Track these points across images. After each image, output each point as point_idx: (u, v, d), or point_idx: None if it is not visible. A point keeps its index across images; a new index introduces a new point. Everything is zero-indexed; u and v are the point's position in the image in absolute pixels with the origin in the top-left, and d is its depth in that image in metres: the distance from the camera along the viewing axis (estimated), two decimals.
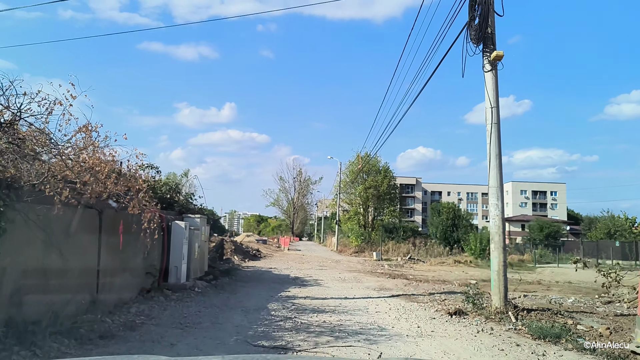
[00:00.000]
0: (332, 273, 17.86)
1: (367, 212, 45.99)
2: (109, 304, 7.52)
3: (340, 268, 21.45)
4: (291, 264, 22.72)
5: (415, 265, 28.19)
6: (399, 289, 12.82)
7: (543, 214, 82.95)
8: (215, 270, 14.24)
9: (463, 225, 39.58)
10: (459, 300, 9.99)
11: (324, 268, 20.72)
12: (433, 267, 26.78)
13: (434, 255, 36.14)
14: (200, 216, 12.16)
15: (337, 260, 28.12)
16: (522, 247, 38.16)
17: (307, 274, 16.78)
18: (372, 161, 44.85)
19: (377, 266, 24.47)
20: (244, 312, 8.15)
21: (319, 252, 39.80)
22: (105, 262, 7.60)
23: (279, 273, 17.09)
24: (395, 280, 15.97)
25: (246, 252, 25.50)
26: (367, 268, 22.54)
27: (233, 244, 24.71)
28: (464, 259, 31.09)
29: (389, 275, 18.41)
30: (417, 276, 19.08)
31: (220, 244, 18.72)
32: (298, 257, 30.27)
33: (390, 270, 21.63)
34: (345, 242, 42.28)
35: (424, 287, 13.49)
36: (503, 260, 7.78)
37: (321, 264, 23.54)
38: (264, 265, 21.34)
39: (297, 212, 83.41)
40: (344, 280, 14.92)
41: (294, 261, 25.17)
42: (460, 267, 28.51)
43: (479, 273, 23.90)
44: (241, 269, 17.61)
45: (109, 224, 7.80)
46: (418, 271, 22.87)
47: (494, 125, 8.03)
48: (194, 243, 11.30)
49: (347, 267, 22.70)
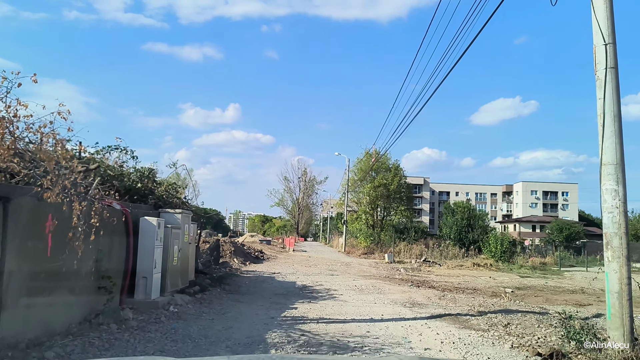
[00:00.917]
0: (346, 280, 15.05)
1: (375, 211, 43.12)
2: (19, 339, 4.77)
3: (352, 273, 18.64)
4: (297, 268, 19.94)
5: (432, 268, 25.35)
6: (434, 304, 9.99)
7: (554, 215, 79.71)
8: (205, 278, 11.46)
9: (479, 225, 36.60)
10: (533, 325, 7.13)
11: (334, 273, 17.92)
12: (452, 271, 23.91)
13: (448, 257, 33.25)
14: (182, 211, 9.37)
15: (347, 263, 25.30)
16: (543, 249, 35.15)
17: (317, 281, 13.98)
18: (382, 159, 42.06)
19: (393, 270, 21.63)
20: (229, 350, 5.37)
21: (326, 253, 36.97)
22: (16, 275, 4.86)
23: (284, 280, 14.30)
24: (422, 290, 13.12)
25: (247, 254, 22.73)
26: (383, 272, 19.70)
27: (232, 245, 21.96)
28: (483, 262, 28.18)
29: (411, 282, 15.58)
30: (442, 283, 16.23)
31: (215, 245, 15.96)
32: (304, 259, 27.49)
33: (409, 276, 18.78)
34: (353, 242, 39.44)
35: (464, 302, 10.63)
36: (627, 276, 4.92)
37: (331, 268, 20.74)
38: (266, 269, 18.56)
39: (302, 213, 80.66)
40: (362, 291, 12.10)
41: (300, 264, 22.40)
42: (480, 270, 25.64)
43: (507, 279, 21.00)
44: (239, 275, 14.83)
45: (26, 218, 5.05)
46: (439, 276, 20.00)
47: (610, 70, 5.20)
48: (171, 245, 8.51)
49: (360, 271, 19.88)
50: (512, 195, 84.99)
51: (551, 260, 32.13)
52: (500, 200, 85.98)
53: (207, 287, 10.20)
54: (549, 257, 32.80)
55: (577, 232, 42.17)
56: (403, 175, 43.10)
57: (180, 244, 9.03)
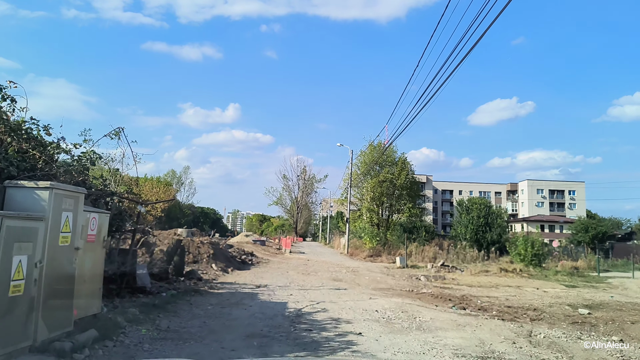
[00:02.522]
0: (360, 298, 10.30)
1: (380, 209, 38.32)
2: None
3: (364, 284, 13.88)
4: (292, 277, 15.18)
5: (454, 275, 20.61)
6: (523, 353, 5.29)
7: (561, 214, 75.10)
8: (133, 304, 6.70)
9: (497, 224, 31.93)
10: None
11: (341, 285, 13.16)
12: (479, 279, 19.17)
13: (466, 260, 28.53)
14: (55, 186, 4.60)
15: (353, 268, 20.53)
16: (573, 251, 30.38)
17: (318, 303, 9.25)
18: (388, 152, 37.31)
19: (411, 279, 16.90)
20: None
21: (327, 255, 32.18)
22: None
23: (269, 299, 9.54)
24: (481, 319, 8.32)
25: (231, 259, 17.94)
26: (402, 283, 14.94)
27: (212, 246, 17.17)
28: (511, 267, 23.39)
29: (449, 300, 10.85)
30: (488, 302, 11.50)
31: (175, 248, 11.14)
32: (302, 263, 22.73)
33: (438, 289, 14.00)
34: (357, 243, 34.62)
35: (573, 349, 5.91)
36: None
37: (334, 276, 15.99)
38: (251, 279, 13.80)
39: (301, 212, 76.00)
40: (391, 324, 7.34)
41: (297, 270, 17.64)
42: (511, 277, 20.90)
43: (556, 290, 16.27)
44: (207, 292, 10.06)
45: None
46: (473, 287, 15.26)
47: None
48: (12, 255, 3.78)
49: (373, 281, 15.12)
50: (517, 194, 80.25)
51: (584, 264, 27.36)
52: (504, 199, 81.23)
53: (118, 327, 5.41)
54: (581, 260, 28.03)
55: (604, 231, 37.42)
56: (411, 170, 38.30)
57: (42, 250, 4.27)
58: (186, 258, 15.93)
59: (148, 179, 61.49)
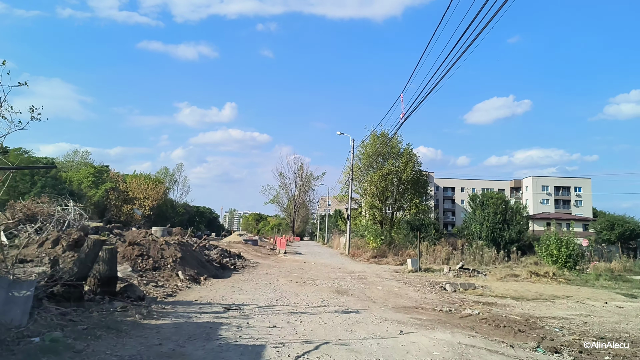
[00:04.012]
0: (384, 332, 6.32)
1: (384, 205, 34.33)
2: None
3: (380, 299, 9.90)
4: (282, 288, 11.18)
5: (476, 279, 16.75)
6: None
7: (566, 212, 71.35)
8: None
9: (517, 221, 28.00)
10: None
11: (347, 302, 9.16)
12: (514, 286, 15.30)
13: (483, 262, 24.60)
14: None
15: (360, 274, 16.55)
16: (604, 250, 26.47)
17: (318, 343, 5.32)
18: (392, 142, 33.34)
19: (433, 287, 12.96)
20: None
21: (326, 256, 28.19)
22: None
23: (235, 340, 5.53)
24: None
25: (206, 264, 13.88)
26: (429, 297, 10.95)
27: (181, 248, 13.11)
28: (542, 270, 19.40)
29: (507, 325, 6.91)
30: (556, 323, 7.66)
31: (92, 253, 7.02)
32: (297, 266, 18.72)
33: (480, 305, 10.04)
34: (359, 243, 30.62)
35: None
36: None
37: (338, 286, 11.99)
38: (224, 293, 9.81)
39: (298, 210, 72.00)
40: None
41: (289, 277, 13.64)
42: (546, 282, 17.04)
43: (618, 302, 12.33)
44: (134, 324, 6.04)
45: None
46: (521, 301, 11.32)
47: None
48: None
49: (390, 293, 11.16)
50: (522, 191, 76.42)
51: (619, 265, 23.46)
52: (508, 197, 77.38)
53: None
54: (615, 261, 24.12)
55: (632, 229, 33.54)
56: (417, 162, 34.33)
57: None
58: (143, 264, 11.93)
59: (136, 176, 57.39)
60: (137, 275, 10.36)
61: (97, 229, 16.69)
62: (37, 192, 35.46)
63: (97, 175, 53.82)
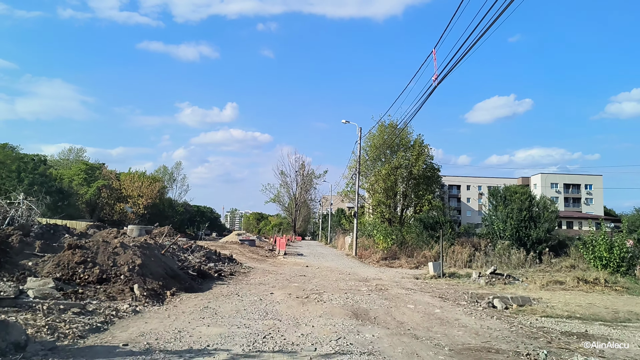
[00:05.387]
0: None
1: (394, 201, 30.87)
2: None
3: (420, 330, 6.44)
4: (276, 310, 7.73)
5: (515, 288, 13.35)
6: None
7: (577, 210, 67.80)
8: None
9: (545, 219, 24.54)
10: None
11: (375, 338, 5.71)
12: (567, 298, 11.89)
13: (511, 264, 21.15)
14: None
15: (375, 282, 13.08)
16: None
17: None
18: (402, 134, 29.90)
19: (478, 304, 9.55)
20: None
21: (330, 258, 24.75)
22: None
23: None
24: None
25: (176, 273, 10.41)
26: (492, 324, 7.48)
27: (142, 251, 9.64)
28: (591, 276, 15.89)
29: None
30: None
31: None
32: (298, 272, 15.27)
33: (556, 338, 6.62)
34: (366, 243, 27.20)
35: None
36: None
37: (354, 304, 8.53)
38: (189, 320, 6.41)
39: (300, 209, 68.67)
40: None
41: (287, 290, 10.20)
42: (600, 291, 13.63)
43: None
44: None
45: None
46: (617, 329, 7.88)
47: None
48: None
49: (430, 318, 7.72)
50: (530, 189, 72.92)
51: None
52: None
53: None
54: None
55: None
56: (429, 155, 30.88)
57: None
58: (85, 275, 8.50)
59: (130, 174, 54.12)
60: (62, 294, 6.95)
61: (52, 228, 13.27)
62: (24, 189, 32.35)
63: (89, 173, 50.49)
